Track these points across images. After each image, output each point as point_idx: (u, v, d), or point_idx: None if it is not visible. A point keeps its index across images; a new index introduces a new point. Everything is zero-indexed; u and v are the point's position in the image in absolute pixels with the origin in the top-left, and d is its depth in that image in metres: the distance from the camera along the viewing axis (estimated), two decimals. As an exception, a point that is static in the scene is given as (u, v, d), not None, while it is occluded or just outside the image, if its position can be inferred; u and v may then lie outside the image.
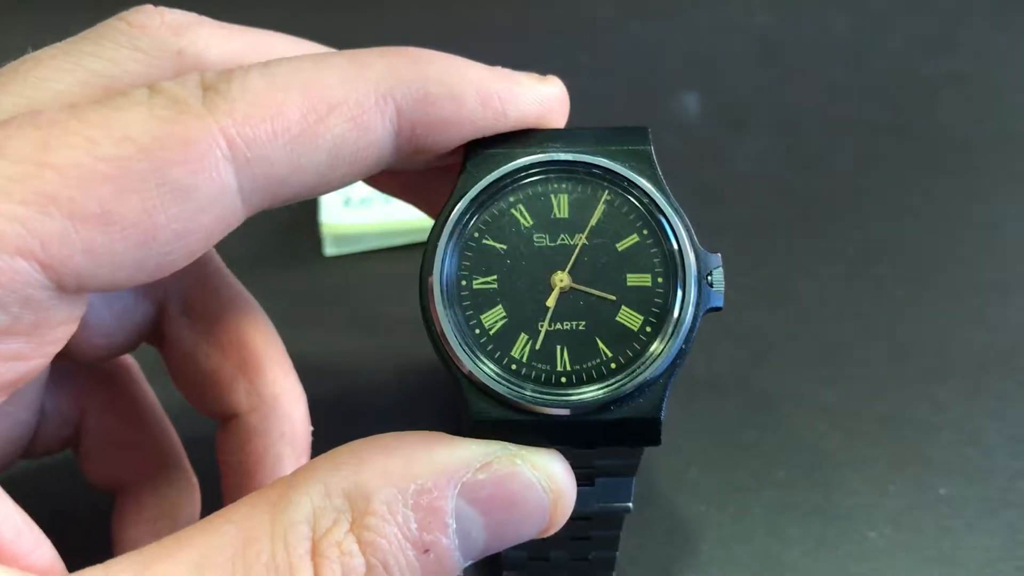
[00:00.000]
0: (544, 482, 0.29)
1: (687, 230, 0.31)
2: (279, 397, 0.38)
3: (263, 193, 0.28)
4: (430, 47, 0.31)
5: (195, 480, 0.41)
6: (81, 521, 0.39)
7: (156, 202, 0.26)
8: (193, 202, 0.26)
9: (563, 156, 0.32)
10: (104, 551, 0.39)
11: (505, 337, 0.30)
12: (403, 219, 0.57)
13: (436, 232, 0.31)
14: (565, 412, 0.30)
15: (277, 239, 0.58)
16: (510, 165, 0.31)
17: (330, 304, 0.55)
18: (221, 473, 0.39)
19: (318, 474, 0.28)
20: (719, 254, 0.31)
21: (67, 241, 0.25)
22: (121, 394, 0.39)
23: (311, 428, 0.39)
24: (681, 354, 0.30)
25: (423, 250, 0.31)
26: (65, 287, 0.26)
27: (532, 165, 0.31)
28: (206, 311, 0.37)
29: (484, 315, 0.30)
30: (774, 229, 0.57)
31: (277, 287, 0.49)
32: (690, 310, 0.30)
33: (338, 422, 0.41)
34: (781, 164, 0.62)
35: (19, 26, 0.67)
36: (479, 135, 0.31)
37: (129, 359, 0.40)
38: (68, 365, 0.37)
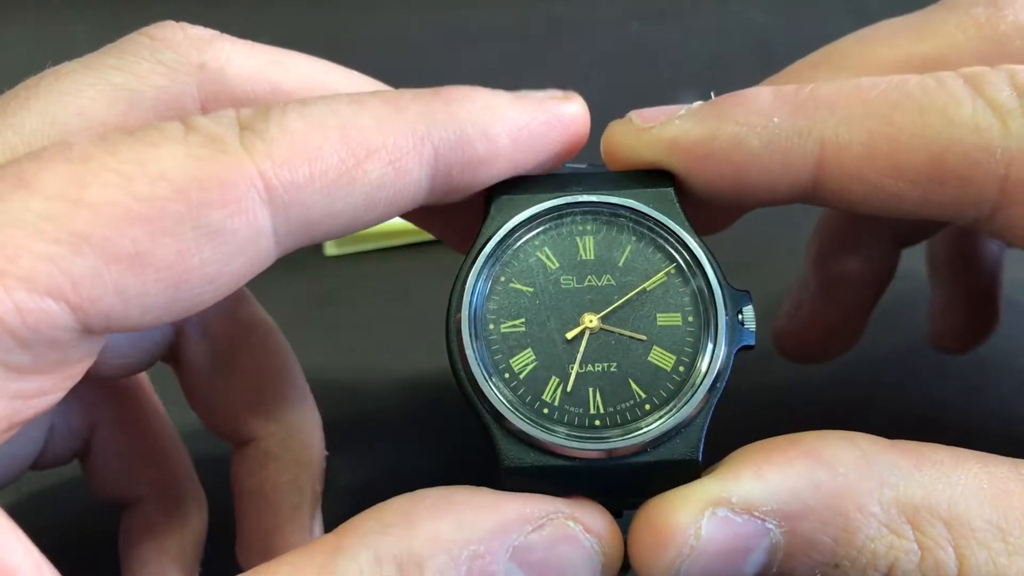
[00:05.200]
0: (596, 546, 0.29)
1: (715, 268, 0.31)
2: (296, 423, 0.38)
3: (297, 235, 0.27)
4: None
5: (204, 497, 0.40)
6: (88, 534, 0.39)
7: (191, 244, 0.25)
8: (228, 245, 0.26)
9: (587, 198, 0.31)
10: (111, 567, 0.39)
11: (535, 381, 0.30)
12: (404, 219, 0.57)
13: (462, 278, 0.31)
14: (601, 455, 0.29)
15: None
16: (533, 208, 0.31)
17: (330, 304, 0.55)
18: (235, 497, 0.38)
19: (367, 538, 0.27)
20: (748, 291, 0.31)
21: (99, 282, 0.24)
22: (131, 409, 0.39)
23: (326, 453, 0.39)
24: (716, 393, 0.30)
25: (448, 296, 0.31)
26: (92, 328, 0.25)
27: (556, 208, 0.31)
28: (225, 335, 0.37)
29: (513, 359, 0.30)
30: (773, 228, 0.57)
31: (277, 287, 0.49)
32: (723, 349, 0.30)
33: (338, 424, 0.41)
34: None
35: (23, 35, 0.67)
36: (512, 173, 0.31)
37: (140, 374, 0.40)
38: (79, 382, 0.37)
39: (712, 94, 0.32)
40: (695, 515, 0.28)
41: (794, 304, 0.46)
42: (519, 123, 0.30)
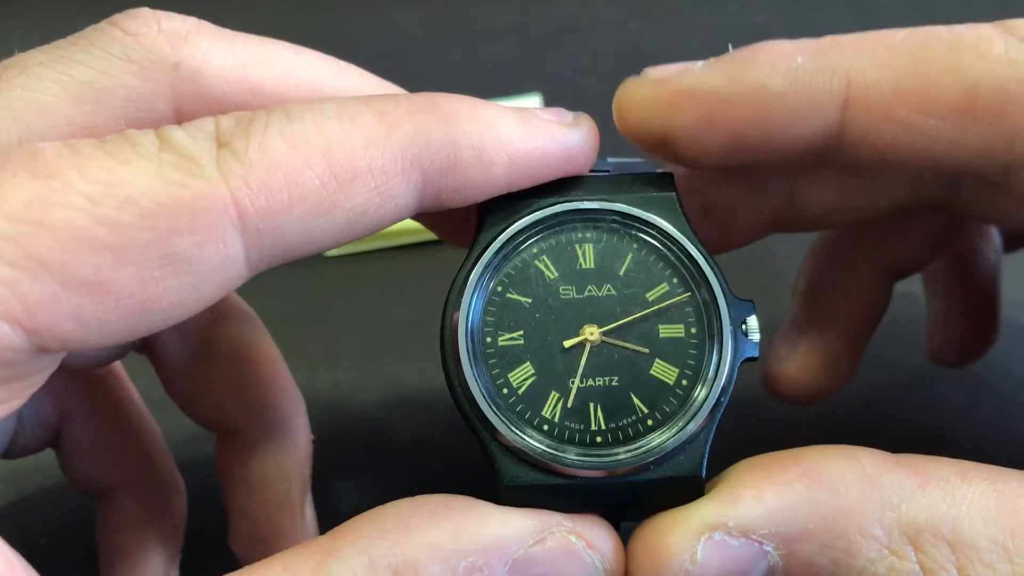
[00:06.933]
0: (599, 562, 0.28)
1: (719, 278, 0.30)
2: (278, 411, 0.37)
3: (270, 259, 0.26)
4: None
5: (182, 484, 0.40)
6: (64, 526, 0.38)
7: (155, 273, 0.24)
8: (195, 274, 0.25)
9: (586, 204, 0.30)
10: (89, 558, 0.38)
11: (535, 396, 0.29)
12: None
13: (457, 289, 0.30)
14: (602, 474, 0.28)
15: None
16: (532, 216, 0.30)
17: (330, 304, 0.55)
18: (223, 486, 0.38)
19: (362, 543, 0.26)
20: (751, 301, 0.30)
21: (56, 308, 0.24)
22: (103, 397, 0.38)
23: (312, 437, 0.38)
24: (719, 407, 0.29)
25: (441, 309, 0.30)
26: (47, 350, 0.24)
27: (555, 215, 0.30)
28: (200, 324, 0.36)
29: (511, 373, 0.29)
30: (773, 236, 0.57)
31: (277, 287, 0.49)
32: (727, 361, 0.29)
33: (337, 424, 0.41)
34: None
35: (24, 34, 0.67)
36: (505, 192, 0.30)
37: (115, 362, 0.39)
38: None
39: (730, 46, 0.31)
40: (691, 539, 0.27)
41: (786, 345, 0.43)
42: (519, 150, 0.29)
